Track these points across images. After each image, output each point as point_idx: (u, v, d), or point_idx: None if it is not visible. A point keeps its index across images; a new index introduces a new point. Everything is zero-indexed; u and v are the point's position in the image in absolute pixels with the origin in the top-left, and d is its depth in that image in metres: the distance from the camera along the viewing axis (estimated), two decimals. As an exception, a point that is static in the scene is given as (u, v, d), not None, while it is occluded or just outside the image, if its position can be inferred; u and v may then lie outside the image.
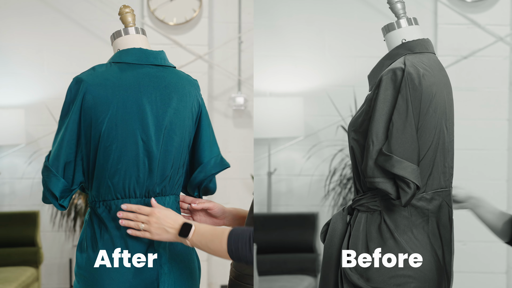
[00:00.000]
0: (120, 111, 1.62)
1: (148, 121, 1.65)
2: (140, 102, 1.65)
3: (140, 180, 1.66)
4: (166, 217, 1.58)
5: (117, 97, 1.62)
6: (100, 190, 1.66)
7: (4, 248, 3.90)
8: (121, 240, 1.64)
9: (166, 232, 1.57)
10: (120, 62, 1.68)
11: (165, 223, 1.57)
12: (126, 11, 1.78)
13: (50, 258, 4.38)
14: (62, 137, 1.64)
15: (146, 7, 4.28)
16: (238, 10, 4.48)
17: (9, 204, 4.33)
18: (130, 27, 1.77)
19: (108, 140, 1.62)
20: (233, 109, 4.47)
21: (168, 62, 1.77)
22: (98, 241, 1.65)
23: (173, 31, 4.29)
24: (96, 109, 1.61)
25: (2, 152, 4.30)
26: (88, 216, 1.70)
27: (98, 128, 1.62)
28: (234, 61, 4.49)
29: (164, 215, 1.58)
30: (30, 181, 4.33)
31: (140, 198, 1.67)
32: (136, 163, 1.65)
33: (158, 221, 1.57)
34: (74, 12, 4.33)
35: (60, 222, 4.13)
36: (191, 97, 1.78)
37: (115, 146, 1.63)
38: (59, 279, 4.42)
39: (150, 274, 1.66)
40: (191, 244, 1.57)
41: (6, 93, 4.29)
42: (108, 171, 1.64)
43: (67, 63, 4.34)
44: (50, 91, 4.34)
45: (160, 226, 1.57)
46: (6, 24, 4.29)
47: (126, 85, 1.64)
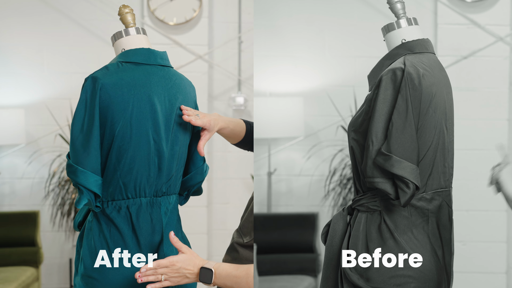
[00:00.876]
0: (135, 111, 1.62)
1: (159, 121, 1.66)
2: (152, 101, 1.65)
3: (150, 179, 1.67)
4: (185, 265, 1.59)
5: (132, 97, 1.62)
6: (109, 189, 1.65)
7: (4, 248, 3.90)
8: (133, 239, 1.64)
9: (186, 278, 1.58)
10: (129, 62, 1.68)
11: (185, 271, 1.58)
12: (126, 11, 1.78)
13: (50, 258, 4.38)
14: (86, 137, 1.59)
15: (146, 7, 4.28)
16: (238, 10, 4.48)
17: (9, 204, 4.34)
18: (130, 27, 1.77)
19: (122, 139, 1.62)
20: (233, 109, 4.47)
21: (169, 63, 1.77)
22: (109, 241, 1.64)
23: (173, 31, 4.29)
24: (112, 108, 1.60)
25: (2, 152, 4.30)
26: (92, 217, 1.68)
27: (113, 127, 1.61)
28: (234, 61, 4.49)
29: (183, 264, 1.58)
30: (30, 181, 4.33)
31: (149, 197, 1.68)
32: (148, 163, 1.65)
33: (178, 271, 1.58)
34: (74, 12, 4.33)
35: (60, 222, 4.13)
36: (191, 98, 1.80)
37: (129, 146, 1.62)
38: (59, 279, 4.42)
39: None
40: (214, 284, 1.59)
41: (6, 93, 4.29)
42: (120, 171, 1.63)
43: (67, 63, 4.34)
44: (50, 91, 4.34)
45: (180, 274, 1.58)
46: (6, 24, 4.29)
47: (139, 85, 1.64)
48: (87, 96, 1.60)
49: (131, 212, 1.65)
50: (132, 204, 1.65)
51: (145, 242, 1.65)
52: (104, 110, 1.60)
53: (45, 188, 4.23)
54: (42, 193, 4.31)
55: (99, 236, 1.65)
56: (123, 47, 1.74)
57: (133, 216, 1.65)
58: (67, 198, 4.06)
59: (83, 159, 1.59)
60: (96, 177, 1.61)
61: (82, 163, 1.59)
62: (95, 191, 1.61)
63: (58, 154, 4.27)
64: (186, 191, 1.83)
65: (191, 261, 1.59)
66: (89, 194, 1.61)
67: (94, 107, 1.59)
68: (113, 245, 1.63)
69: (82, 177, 1.59)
